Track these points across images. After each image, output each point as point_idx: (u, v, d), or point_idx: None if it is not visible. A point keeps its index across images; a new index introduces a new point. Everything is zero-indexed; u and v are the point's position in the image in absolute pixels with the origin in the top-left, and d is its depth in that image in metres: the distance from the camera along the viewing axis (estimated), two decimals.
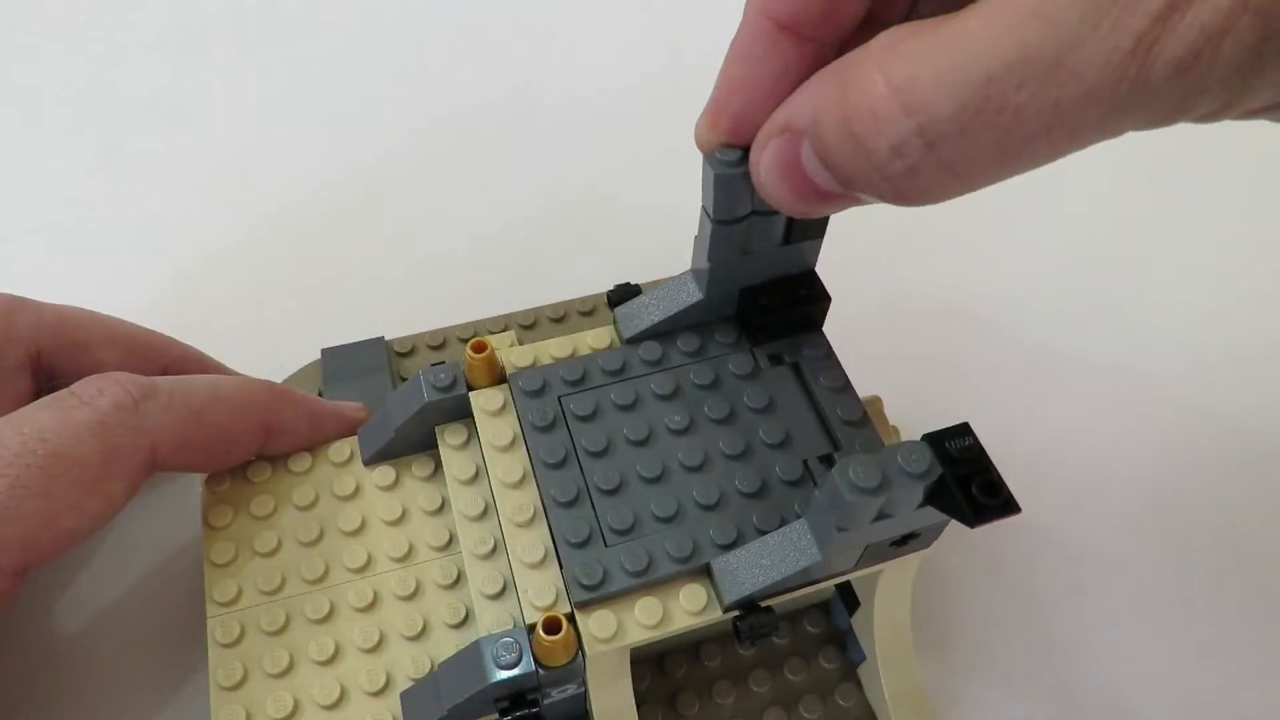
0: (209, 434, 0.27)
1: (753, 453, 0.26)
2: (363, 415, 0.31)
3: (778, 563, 0.23)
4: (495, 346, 0.27)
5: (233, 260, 0.42)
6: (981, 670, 0.32)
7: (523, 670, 0.23)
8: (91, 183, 0.45)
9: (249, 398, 0.28)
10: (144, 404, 0.25)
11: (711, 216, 0.24)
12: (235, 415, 0.27)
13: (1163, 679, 0.32)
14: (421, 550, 0.28)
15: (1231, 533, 0.35)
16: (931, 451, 0.19)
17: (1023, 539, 0.34)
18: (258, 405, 0.28)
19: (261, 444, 0.28)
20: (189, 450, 0.26)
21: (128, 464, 0.25)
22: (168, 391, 0.26)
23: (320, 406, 0.30)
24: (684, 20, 0.54)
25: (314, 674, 0.26)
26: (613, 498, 0.25)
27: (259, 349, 0.37)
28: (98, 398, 0.25)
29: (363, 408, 0.31)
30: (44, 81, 0.50)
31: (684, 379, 0.27)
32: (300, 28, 0.53)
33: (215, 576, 0.27)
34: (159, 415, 0.25)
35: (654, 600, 0.23)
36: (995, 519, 0.19)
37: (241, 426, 0.27)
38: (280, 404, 0.28)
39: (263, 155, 0.47)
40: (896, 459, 0.19)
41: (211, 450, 0.27)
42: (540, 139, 0.48)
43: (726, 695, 0.29)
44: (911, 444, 0.19)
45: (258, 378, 0.30)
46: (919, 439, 0.19)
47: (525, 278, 0.41)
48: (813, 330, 0.28)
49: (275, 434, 0.28)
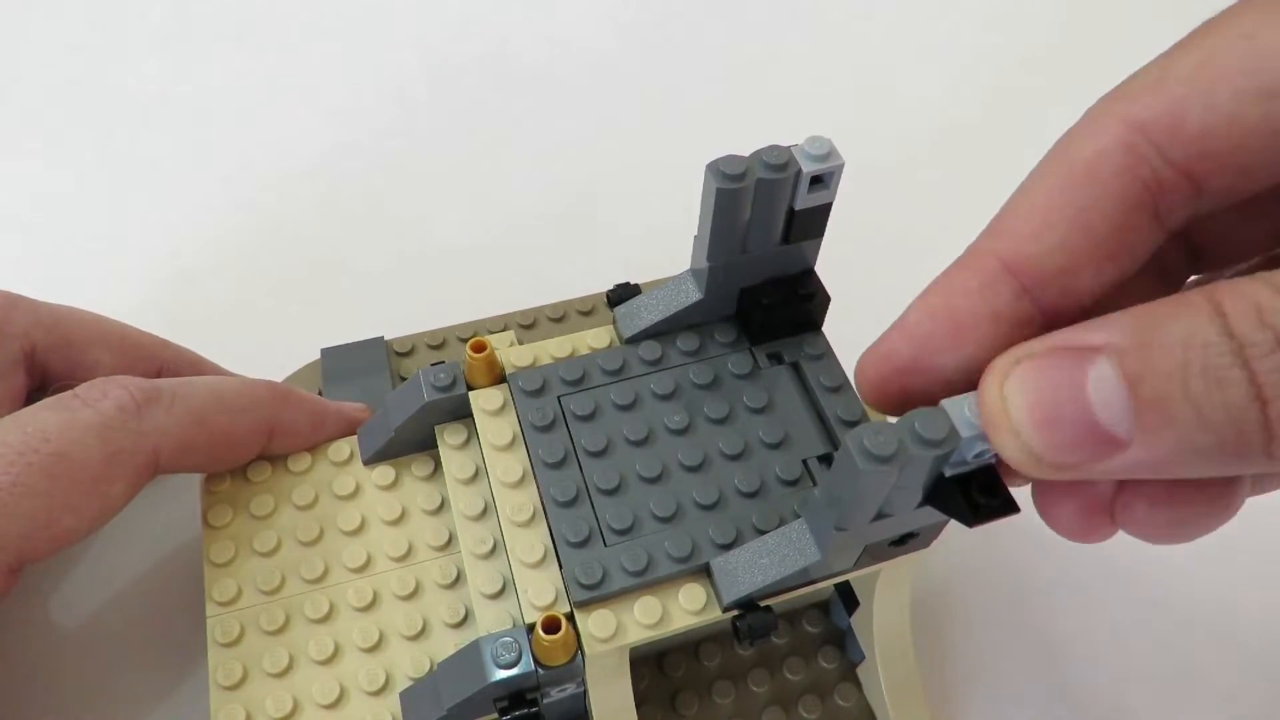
0: (212, 437, 0.27)
1: (752, 452, 0.26)
2: (365, 415, 0.31)
3: (777, 562, 0.23)
4: (495, 346, 0.27)
5: (233, 260, 0.42)
6: (981, 670, 0.32)
7: (522, 670, 0.23)
8: (91, 182, 0.45)
9: (251, 399, 0.28)
10: (147, 407, 0.25)
11: (711, 225, 0.24)
12: (237, 417, 0.27)
13: (1163, 679, 0.32)
14: (421, 550, 0.28)
15: (1232, 530, 0.35)
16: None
17: (1022, 539, 0.34)
18: (259, 406, 0.28)
19: (264, 445, 0.28)
20: (191, 453, 0.26)
21: (128, 467, 0.25)
22: (170, 394, 0.26)
23: (322, 406, 0.30)
24: (684, 21, 0.54)
25: (314, 673, 0.26)
26: (612, 497, 0.25)
27: (259, 349, 0.37)
28: (101, 400, 0.25)
29: (364, 408, 0.31)
30: (44, 81, 0.50)
31: (683, 379, 0.27)
32: (300, 28, 0.53)
33: (215, 576, 0.27)
34: (161, 419, 0.25)
35: (653, 600, 0.23)
36: (994, 519, 0.19)
37: (244, 428, 0.27)
38: (282, 404, 0.28)
39: (263, 155, 0.47)
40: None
41: (214, 452, 0.27)
42: (541, 139, 0.48)
43: (726, 695, 0.29)
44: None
45: (258, 378, 0.30)
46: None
47: (525, 277, 0.41)
48: (812, 330, 0.28)
49: (278, 434, 0.28)
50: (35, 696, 0.29)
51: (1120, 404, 0.14)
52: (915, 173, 0.46)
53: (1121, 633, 0.33)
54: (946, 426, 0.17)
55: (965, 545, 0.33)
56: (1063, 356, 0.15)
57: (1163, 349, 0.14)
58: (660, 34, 0.53)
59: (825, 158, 0.23)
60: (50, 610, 0.31)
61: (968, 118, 0.50)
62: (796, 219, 0.25)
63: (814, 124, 0.27)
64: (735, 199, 0.23)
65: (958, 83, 0.52)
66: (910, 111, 0.50)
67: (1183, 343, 0.14)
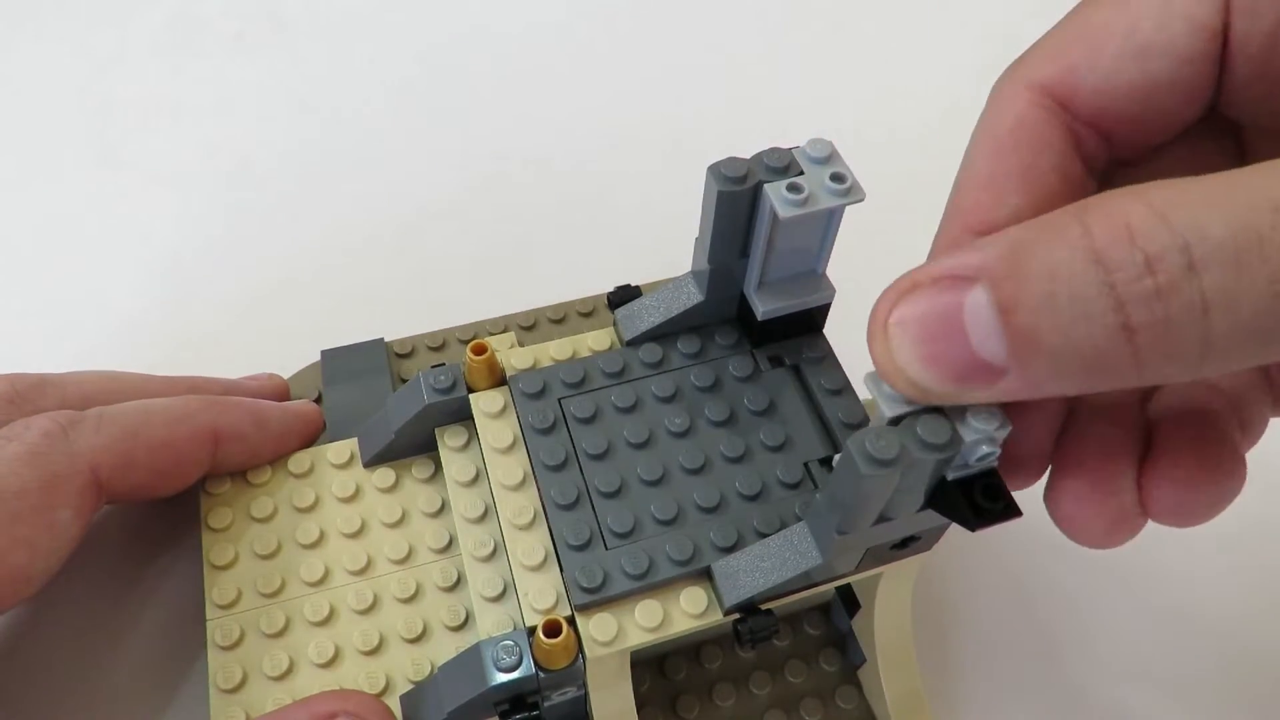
0: (151, 450, 0.26)
1: (753, 455, 0.26)
2: (311, 410, 0.30)
3: (778, 566, 0.23)
4: (495, 348, 0.27)
5: (233, 261, 0.42)
6: (982, 672, 0.32)
7: (523, 673, 0.23)
8: (91, 183, 0.45)
9: (183, 408, 0.27)
10: (73, 429, 0.25)
11: (712, 227, 0.24)
12: (174, 426, 0.27)
13: (1163, 679, 0.32)
14: (421, 552, 0.28)
15: (1232, 530, 0.35)
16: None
17: (1023, 541, 0.34)
18: (194, 414, 0.27)
19: (212, 454, 0.28)
20: (135, 469, 0.26)
21: (69, 489, 0.24)
22: (96, 415, 0.26)
23: (262, 406, 0.29)
24: (685, 22, 0.54)
25: (314, 677, 0.25)
26: (613, 500, 0.25)
27: (259, 350, 0.37)
28: (25, 431, 0.24)
29: (310, 403, 0.31)
30: (44, 81, 0.50)
31: (684, 381, 0.27)
32: (301, 28, 0.53)
33: (215, 578, 0.27)
34: (91, 437, 0.25)
35: (654, 603, 0.23)
36: (997, 523, 0.19)
37: (184, 437, 0.27)
38: (216, 410, 0.28)
39: (263, 155, 0.47)
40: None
41: (160, 467, 0.27)
42: (541, 139, 0.48)
43: (727, 698, 0.29)
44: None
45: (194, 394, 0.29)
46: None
47: (525, 278, 0.41)
48: (814, 332, 0.28)
49: (223, 440, 0.28)
50: (35, 698, 0.29)
51: (994, 333, 0.14)
52: (916, 176, 0.46)
53: (1121, 633, 0.33)
54: (948, 431, 0.17)
55: (966, 547, 0.33)
56: (941, 287, 0.15)
57: (1031, 278, 0.14)
58: (661, 34, 0.53)
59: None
60: (51, 613, 0.31)
61: (971, 120, 0.49)
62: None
63: (816, 125, 0.27)
64: (736, 201, 0.23)
65: (961, 84, 0.52)
66: (912, 113, 0.50)
67: (1049, 272, 0.14)
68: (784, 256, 0.25)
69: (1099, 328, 0.13)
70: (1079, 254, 0.14)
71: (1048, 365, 0.14)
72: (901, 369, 0.16)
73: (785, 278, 0.26)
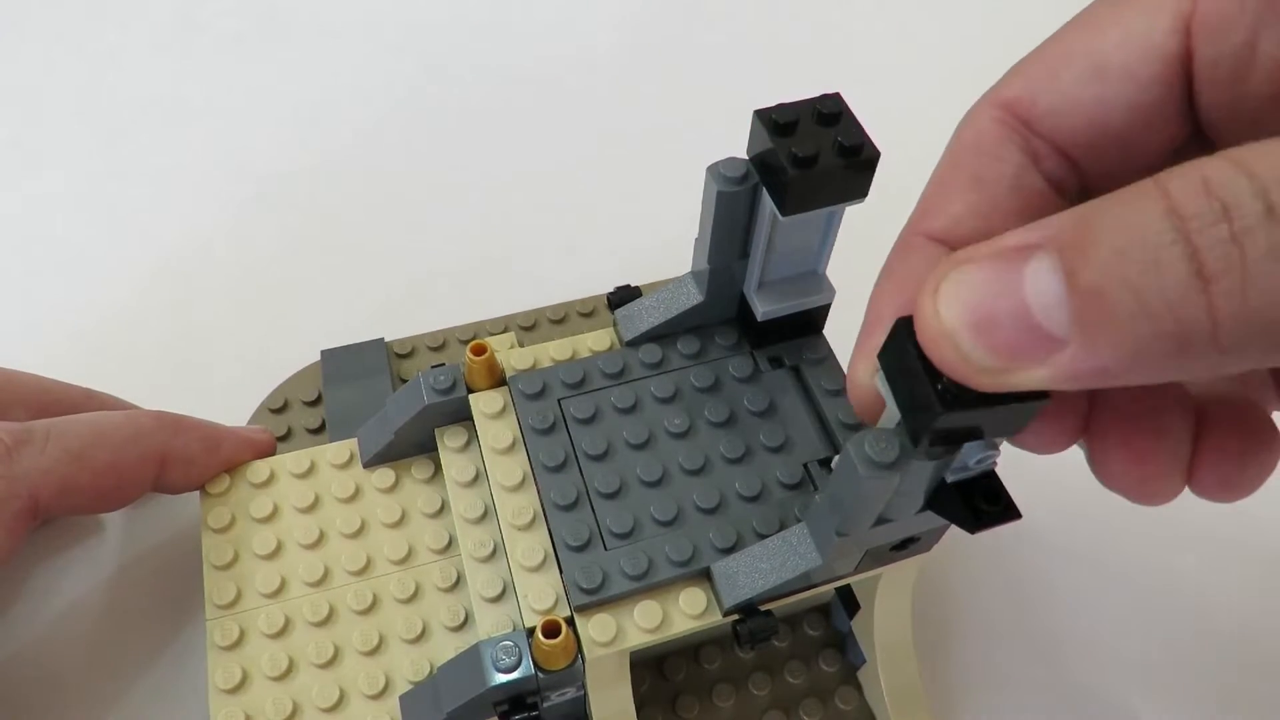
0: (95, 474, 0.26)
1: (753, 456, 0.26)
2: (265, 437, 0.30)
3: (777, 567, 0.23)
4: (495, 349, 0.27)
5: (233, 261, 0.42)
6: (982, 673, 0.32)
7: (522, 674, 0.23)
8: (90, 182, 0.45)
9: (135, 430, 0.27)
10: (18, 450, 0.24)
11: (712, 227, 0.24)
12: (121, 450, 0.26)
13: (1163, 679, 0.32)
14: (421, 553, 0.28)
15: (1232, 531, 0.35)
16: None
17: (1023, 541, 0.34)
18: (145, 437, 0.27)
19: (156, 476, 0.27)
20: (74, 494, 0.26)
21: (4, 513, 0.24)
22: (44, 434, 0.25)
23: (216, 430, 0.29)
24: (685, 22, 0.54)
25: (313, 677, 0.26)
26: (612, 501, 0.25)
27: (259, 350, 0.37)
28: None
29: (264, 430, 0.30)
30: (44, 81, 0.50)
31: (684, 382, 0.27)
32: (301, 28, 0.53)
33: (215, 579, 0.27)
34: (35, 461, 0.24)
35: (653, 604, 0.23)
36: (996, 525, 0.19)
37: (129, 461, 0.26)
38: (169, 433, 0.27)
39: (263, 155, 0.47)
40: None
41: (100, 490, 0.26)
42: (541, 140, 0.48)
43: (726, 698, 0.29)
44: None
45: (148, 409, 0.29)
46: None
47: (525, 278, 0.41)
48: (814, 333, 0.28)
49: (170, 464, 0.27)
50: (35, 698, 0.29)
51: (1057, 299, 0.13)
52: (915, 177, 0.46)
53: (1121, 633, 0.33)
54: None
55: (966, 547, 0.33)
56: (1001, 257, 0.14)
57: (1101, 240, 0.13)
58: (661, 35, 0.53)
59: None
60: (51, 612, 0.31)
61: None
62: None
63: None
64: (735, 201, 0.23)
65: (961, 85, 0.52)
66: (911, 114, 0.50)
67: (1120, 229, 0.13)
68: (784, 257, 0.25)
69: (1170, 279, 0.12)
70: (1153, 211, 0.13)
71: (1114, 331, 0.13)
72: (950, 334, 0.15)
73: (785, 278, 0.26)
